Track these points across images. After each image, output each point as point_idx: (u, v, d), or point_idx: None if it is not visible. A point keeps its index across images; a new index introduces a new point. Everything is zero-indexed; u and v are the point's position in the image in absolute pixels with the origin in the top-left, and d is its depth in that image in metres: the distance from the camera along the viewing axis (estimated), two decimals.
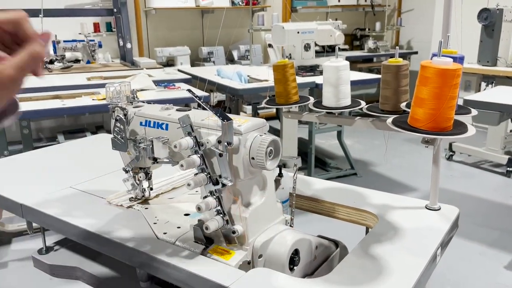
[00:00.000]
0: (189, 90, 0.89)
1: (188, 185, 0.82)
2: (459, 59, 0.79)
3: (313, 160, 3.47)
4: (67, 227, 0.98)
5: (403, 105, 0.90)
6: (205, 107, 0.82)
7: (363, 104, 1.05)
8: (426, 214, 0.96)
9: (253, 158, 0.82)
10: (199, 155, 0.84)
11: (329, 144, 4.56)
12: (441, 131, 0.73)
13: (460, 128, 0.76)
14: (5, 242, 2.68)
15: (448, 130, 0.74)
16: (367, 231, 1.02)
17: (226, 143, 0.80)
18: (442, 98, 0.70)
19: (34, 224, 1.21)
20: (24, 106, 2.25)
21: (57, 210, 1.03)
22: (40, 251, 1.13)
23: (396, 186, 3.43)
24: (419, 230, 0.89)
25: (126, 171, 1.03)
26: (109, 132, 1.27)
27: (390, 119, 0.85)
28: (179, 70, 3.71)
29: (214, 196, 0.85)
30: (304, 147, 3.53)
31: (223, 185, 0.83)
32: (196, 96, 0.84)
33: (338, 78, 1.01)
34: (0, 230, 2.72)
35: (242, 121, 0.84)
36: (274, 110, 4.93)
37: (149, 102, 1.03)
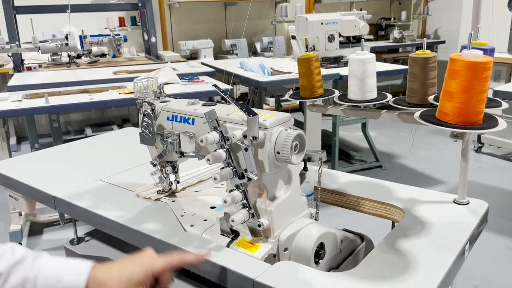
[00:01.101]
0: (215, 86, 0.90)
1: (214, 179, 0.83)
2: (490, 51, 0.77)
3: (337, 152, 3.44)
4: (97, 219, 1.01)
5: (431, 98, 0.89)
6: (231, 102, 0.83)
7: (389, 97, 1.03)
8: (454, 209, 0.95)
9: (278, 153, 0.82)
10: (225, 150, 0.85)
11: (353, 136, 4.52)
12: (470, 125, 0.72)
13: (490, 121, 0.75)
14: (37, 232, 2.77)
15: (478, 124, 0.73)
16: (393, 226, 1.02)
17: (251, 138, 0.81)
18: (472, 92, 0.69)
19: (65, 216, 1.25)
20: (53, 101, 2.31)
21: (88, 202, 1.06)
22: (71, 242, 1.17)
23: (423, 179, 3.38)
24: (447, 225, 0.88)
25: (154, 165, 1.05)
26: (135, 125, 1.29)
27: (417, 113, 0.83)
28: (202, 63, 3.73)
29: (240, 190, 0.86)
30: (328, 139, 3.50)
31: (249, 179, 0.84)
32: (222, 91, 0.85)
33: (364, 71, 1.00)
34: (32, 220, 2.82)
35: (268, 115, 0.85)
36: (298, 103, 4.91)
37: (175, 96, 1.05)
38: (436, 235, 0.85)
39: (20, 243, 2.50)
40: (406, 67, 0.96)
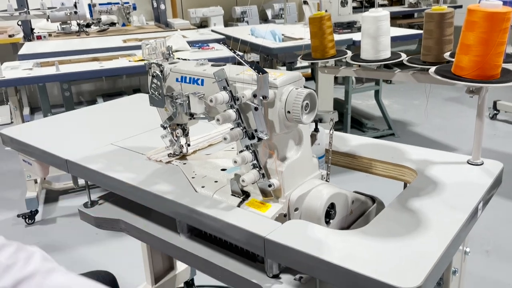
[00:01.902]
0: (223, 43, 0.88)
1: (225, 139, 0.83)
2: (509, 2, 0.74)
3: (349, 120, 3.42)
4: (110, 181, 1.02)
5: (446, 55, 0.86)
6: (241, 60, 0.81)
7: (403, 56, 1.01)
8: (468, 169, 0.94)
9: (288, 112, 0.81)
10: (234, 110, 0.84)
11: (366, 104, 4.46)
12: (487, 79, 0.69)
13: (507, 76, 0.72)
14: (53, 200, 2.83)
15: (495, 79, 0.71)
16: (405, 187, 1.01)
17: (261, 97, 0.80)
18: (490, 44, 0.66)
19: (81, 183, 1.27)
20: (64, 69, 2.32)
21: (100, 165, 1.07)
22: (85, 205, 1.19)
23: (436, 146, 3.34)
24: (460, 185, 0.87)
25: (164, 128, 1.05)
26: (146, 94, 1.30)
27: (433, 68, 0.81)
28: (212, 31, 3.68)
29: (250, 150, 0.85)
30: (340, 108, 3.47)
31: (259, 139, 0.83)
32: (231, 49, 0.84)
33: (378, 29, 0.97)
34: (48, 188, 2.88)
35: (278, 74, 0.83)
36: (309, 71, 4.83)
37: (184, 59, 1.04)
38: (448, 194, 0.84)
39: (37, 210, 2.56)
40: (421, 31, 0.92)
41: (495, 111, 3.79)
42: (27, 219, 2.51)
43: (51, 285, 0.73)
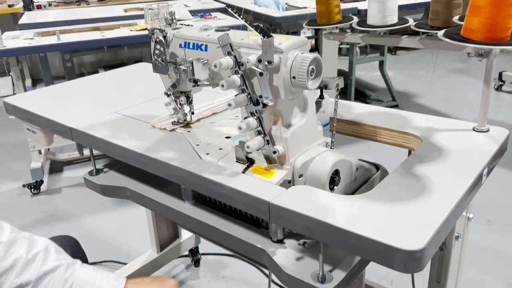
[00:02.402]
0: (227, 6, 0.86)
1: (229, 105, 0.82)
2: None
3: (353, 92, 3.39)
4: (114, 149, 1.03)
5: (455, 19, 0.84)
6: (245, 24, 0.80)
7: (411, 21, 0.99)
8: (473, 136, 0.93)
9: (294, 77, 0.80)
10: (239, 75, 0.83)
11: (369, 76, 4.42)
12: (497, 41, 0.68)
13: None
14: (57, 170, 2.85)
15: (505, 41, 0.69)
16: (409, 155, 1.01)
17: (266, 62, 0.79)
18: (501, 5, 0.64)
19: (85, 153, 1.27)
20: (65, 38, 2.29)
21: (104, 133, 1.07)
22: (90, 173, 1.20)
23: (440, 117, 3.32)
24: (465, 151, 0.87)
25: (168, 95, 1.05)
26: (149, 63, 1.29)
27: (441, 31, 0.79)
28: (214, 0, 3.61)
29: (255, 117, 0.85)
30: (344, 79, 3.44)
31: (264, 105, 0.83)
32: (235, 12, 0.82)
33: None
34: (52, 159, 2.89)
35: (283, 39, 0.82)
36: (313, 42, 4.77)
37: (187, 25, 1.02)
38: (453, 160, 0.84)
39: (42, 181, 2.58)
40: (429, 0, 0.90)
41: (500, 82, 3.75)
42: (32, 189, 2.53)
43: (76, 280, 0.76)
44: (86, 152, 1.20)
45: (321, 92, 0.98)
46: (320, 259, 0.75)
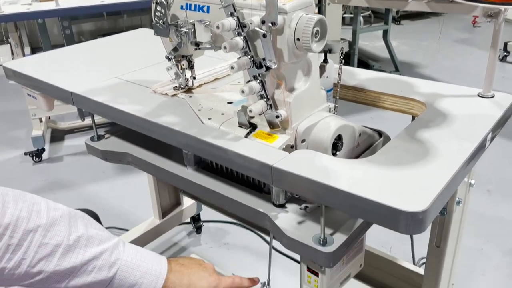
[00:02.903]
0: None
1: (232, 68, 0.81)
2: None
3: (355, 61, 3.35)
4: (116, 113, 1.02)
5: None
6: None
7: None
8: (478, 102, 0.92)
9: (298, 39, 0.79)
10: (242, 37, 0.81)
11: (373, 46, 4.36)
12: (507, 1, 0.66)
13: None
14: (59, 139, 2.86)
15: None
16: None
17: (270, 23, 0.77)
18: None
19: (86, 123, 1.27)
20: (63, 4, 2.25)
21: (106, 98, 1.06)
22: (92, 139, 1.19)
23: None
24: (469, 117, 0.86)
25: (169, 59, 1.03)
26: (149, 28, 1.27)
27: None
28: None
29: (258, 81, 0.84)
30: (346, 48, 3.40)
31: (267, 68, 0.81)
32: None
33: None
34: (53, 127, 2.89)
35: (287, 0, 0.80)
36: (316, 10, 4.67)
37: None
38: (457, 126, 0.83)
39: (44, 149, 2.59)
40: None
41: (505, 53, 3.71)
42: (34, 157, 2.54)
43: (119, 264, 0.74)
44: (87, 121, 1.20)
45: (325, 56, 0.96)
46: (321, 222, 0.76)
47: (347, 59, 3.38)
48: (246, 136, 0.88)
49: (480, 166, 0.81)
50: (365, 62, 3.76)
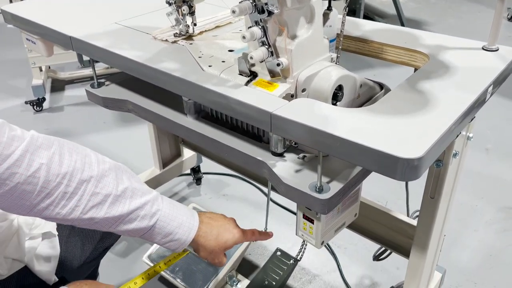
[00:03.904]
0: None
1: (233, 12, 0.80)
2: None
3: (361, 17, 3.27)
4: (115, 59, 1.01)
5: None
6: None
7: None
8: (482, 55, 0.91)
9: None
10: None
11: (379, 1, 4.25)
12: None
13: None
14: (59, 89, 2.85)
15: None
16: None
17: None
18: None
19: (86, 73, 1.25)
20: None
21: (105, 43, 1.04)
22: (92, 86, 1.19)
23: None
24: (472, 69, 0.85)
25: (170, 4, 1.01)
26: None
27: None
28: None
29: (259, 26, 0.82)
30: (351, 3, 3.31)
31: (269, 13, 0.80)
32: None
33: None
34: (53, 77, 2.87)
35: None
36: None
37: None
38: (459, 77, 0.82)
39: (44, 98, 2.58)
40: None
41: None
42: (35, 106, 2.54)
43: (159, 215, 0.82)
44: (87, 71, 1.20)
45: (329, 3, 0.94)
46: (318, 170, 0.77)
47: (352, 14, 3.30)
48: (246, 84, 0.88)
49: (480, 125, 0.81)
50: (371, 18, 3.68)
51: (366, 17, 3.51)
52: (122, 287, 0.93)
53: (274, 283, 1.27)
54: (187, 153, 1.87)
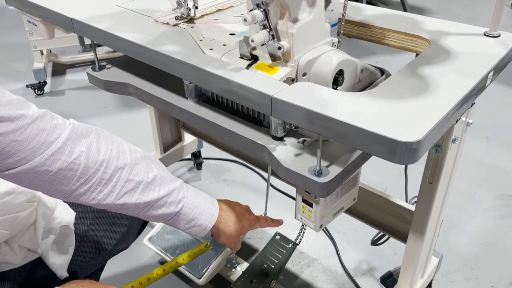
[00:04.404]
0: None
1: None
2: None
3: (364, 3, 3.25)
4: (116, 41, 1.01)
5: None
6: None
7: None
8: (483, 40, 0.91)
9: None
10: None
11: None
12: None
13: None
14: (60, 73, 2.84)
15: None
16: None
17: None
18: None
19: (87, 57, 1.25)
20: None
21: (106, 25, 1.04)
22: (93, 69, 1.19)
23: None
24: (473, 55, 0.85)
25: None
26: None
27: None
28: None
29: (261, 9, 0.82)
30: None
31: None
32: None
33: None
34: (54, 61, 2.86)
35: None
36: None
37: None
38: (460, 62, 0.82)
39: (45, 82, 2.58)
40: None
41: None
42: (36, 90, 2.54)
43: (185, 202, 0.86)
44: (88, 55, 1.19)
45: None
46: (318, 154, 0.77)
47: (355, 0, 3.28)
48: (247, 68, 0.88)
49: (480, 113, 0.81)
50: (374, 4, 3.65)
51: (368, 3, 3.49)
52: (142, 277, 0.95)
53: (273, 266, 1.29)
54: (188, 138, 1.88)
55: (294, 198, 1.53)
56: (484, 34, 0.94)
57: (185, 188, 0.88)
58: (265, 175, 1.92)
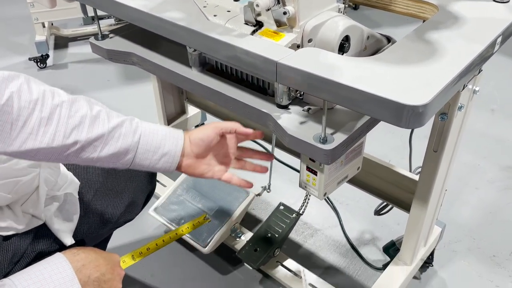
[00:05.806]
0: None
1: None
2: None
3: None
4: (119, 8, 1.00)
5: None
6: None
7: None
8: (492, 6, 0.89)
9: None
10: None
11: None
12: None
13: None
14: (62, 46, 2.82)
15: None
16: None
17: None
18: None
19: (89, 30, 1.23)
20: None
21: None
22: (96, 38, 1.18)
23: None
24: (481, 20, 0.84)
25: None
26: None
27: None
28: None
29: None
30: None
31: None
32: None
33: None
34: (56, 34, 2.84)
35: None
36: None
37: None
38: (468, 28, 0.81)
39: (48, 55, 2.56)
40: None
41: None
42: (38, 63, 2.53)
43: (140, 130, 0.82)
44: (90, 28, 1.17)
45: None
46: (323, 121, 0.77)
47: None
48: (252, 34, 0.87)
49: (487, 85, 0.80)
50: None
51: None
52: (142, 247, 0.95)
53: (276, 235, 1.30)
54: (192, 111, 1.87)
55: (297, 170, 1.53)
56: (493, 0, 0.92)
57: (137, 120, 0.84)
58: (269, 147, 1.92)
